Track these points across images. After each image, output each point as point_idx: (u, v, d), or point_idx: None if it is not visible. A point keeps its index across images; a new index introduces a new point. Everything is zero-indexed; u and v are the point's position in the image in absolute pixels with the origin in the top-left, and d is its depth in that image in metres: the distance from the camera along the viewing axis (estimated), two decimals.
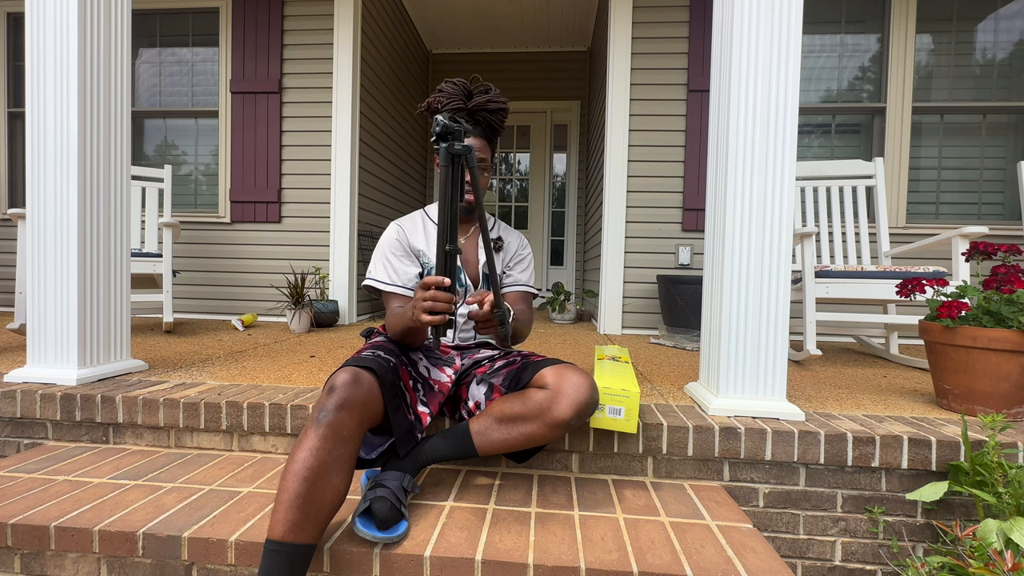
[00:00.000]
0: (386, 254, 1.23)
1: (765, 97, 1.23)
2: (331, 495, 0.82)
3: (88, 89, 1.45)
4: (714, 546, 0.91)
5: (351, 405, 0.87)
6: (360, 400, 0.89)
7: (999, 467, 1.02)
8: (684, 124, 2.87)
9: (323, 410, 0.85)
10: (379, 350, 1.03)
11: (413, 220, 1.30)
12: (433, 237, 1.27)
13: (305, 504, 0.78)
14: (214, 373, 1.61)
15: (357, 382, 0.90)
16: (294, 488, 0.79)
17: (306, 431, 0.84)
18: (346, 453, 0.85)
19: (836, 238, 2.33)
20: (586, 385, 0.98)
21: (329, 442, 0.83)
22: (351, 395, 0.88)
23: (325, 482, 0.81)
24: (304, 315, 2.69)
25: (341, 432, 0.84)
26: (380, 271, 1.22)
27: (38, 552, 0.94)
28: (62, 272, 1.43)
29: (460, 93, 1.15)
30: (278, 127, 3.07)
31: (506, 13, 4.06)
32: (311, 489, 0.79)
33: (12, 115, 3.42)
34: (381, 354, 1.01)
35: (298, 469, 0.80)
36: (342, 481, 0.84)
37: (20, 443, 1.35)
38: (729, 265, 1.25)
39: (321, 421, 0.84)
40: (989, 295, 1.33)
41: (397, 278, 1.21)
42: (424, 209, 1.33)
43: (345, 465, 0.85)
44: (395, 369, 0.99)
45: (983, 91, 2.88)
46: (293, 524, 0.77)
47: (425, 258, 1.24)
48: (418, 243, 1.25)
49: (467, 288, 1.25)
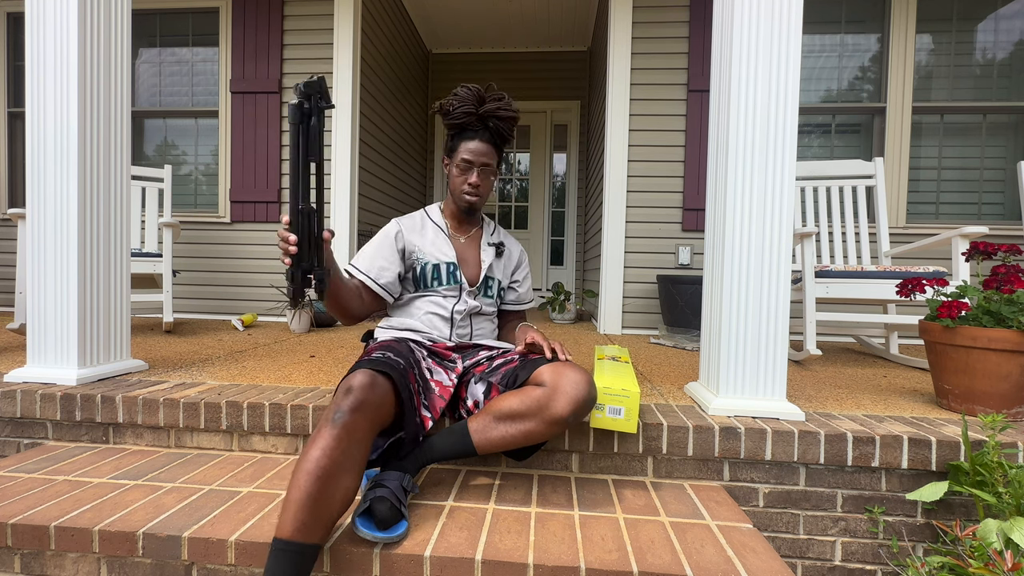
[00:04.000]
0: (374, 245, 1.26)
1: (765, 97, 1.23)
2: (341, 496, 0.81)
3: (88, 89, 1.45)
4: (714, 546, 0.91)
5: (367, 407, 0.87)
6: (376, 403, 0.89)
7: (999, 467, 1.02)
8: (684, 124, 2.87)
9: (339, 411, 0.85)
10: (389, 351, 1.04)
11: (413, 219, 1.32)
12: (431, 236, 1.29)
13: (316, 504, 0.78)
14: (214, 373, 1.61)
15: (374, 385, 0.90)
16: (305, 488, 0.78)
17: (319, 431, 0.83)
18: (358, 455, 0.85)
19: (836, 238, 2.33)
20: (584, 382, 0.98)
21: (343, 443, 0.82)
22: (367, 397, 0.88)
23: (336, 483, 0.81)
24: (304, 315, 2.69)
25: (355, 434, 0.84)
26: (360, 257, 1.25)
27: (38, 552, 0.94)
28: (62, 272, 1.43)
29: (473, 98, 1.19)
30: (278, 127, 3.07)
31: (506, 13, 4.06)
32: (323, 489, 0.79)
33: (12, 115, 3.42)
34: (391, 356, 1.01)
35: (311, 469, 0.79)
36: (352, 483, 0.84)
37: (20, 443, 1.35)
38: (729, 265, 1.25)
39: (336, 422, 0.83)
40: (989, 295, 1.33)
41: (371, 268, 1.23)
42: (425, 209, 1.36)
43: (356, 467, 0.85)
44: (405, 372, 0.99)
45: (983, 91, 2.88)
46: (303, 524, 0.76)
47: (420, 253, 1.27)
48: (414, 239, 1.27)
49: (462, 286, 1.26)
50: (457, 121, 1.21)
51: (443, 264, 1.26)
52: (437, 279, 1.25)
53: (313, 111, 0.84)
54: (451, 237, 1.31)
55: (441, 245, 1.28)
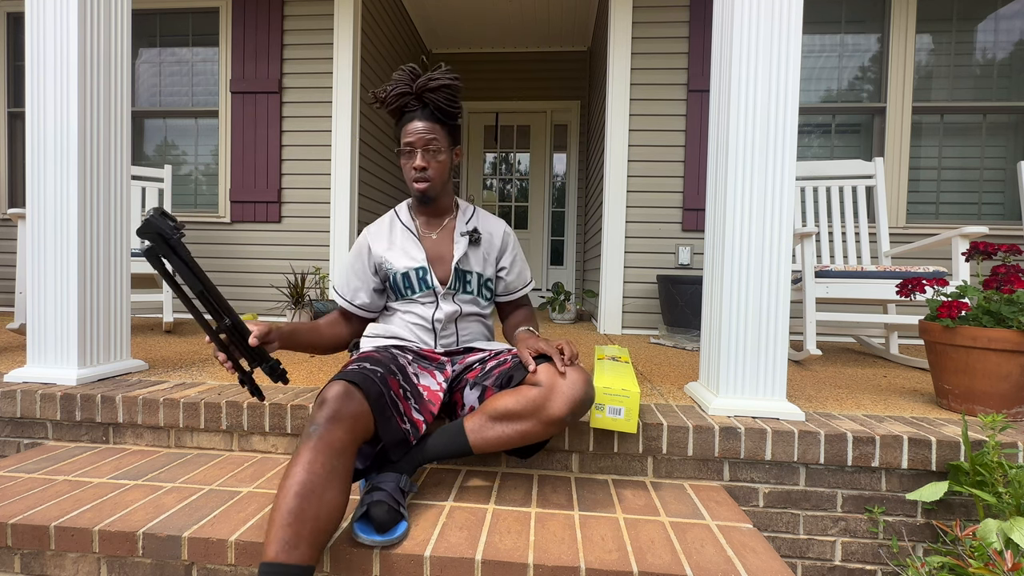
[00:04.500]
0: (348, 263, 1.25)
1: (765, 97, 1.23)
2: (327, 511, 0.78)
3: (88, 89, 1.45)
4: (714, 546, 0.91)
5: (342, 418, 0.86)
6: (351, 412, 0.88)
7: (999, 467, 1.02)
8: (684, 124, 2.87)
9: (314, 424, 0.84)
10: (365, 362, 1.01)
11: (381, 224, 1.26)
12: (399, 241, 1.22)
13: (298, 521, 0.74)
14: (214, 373, 1.61)
15: (348, 395, 0.89)
16: (287, 505, 0.75)
17: (299, 449, 0.82)
18: (340, 467, 0.83)
19: (836, 238, 2.33)
20: (581, 381, 0.96)
21: (322, 455, 0.81)
22: (341, 407, 0.87)
23: (320, 498, 0.78)
24: (304, 315, 2.69)
25: (334, 445, 0.83)
26: (338, 277, 1.25)
27: (38, 552, 0.94)
28: (62, 272, 1.43)
29: (406, 77, 1.11)
30: (278, 127, 3.07)
31: (506, 13, 4.06)
32: (304, 506, 0.76)
33: (12, 115, 3.42)
34: (367, 365, 0.99)
35: (290, 484, 0.77)
36: (338, 497, 0.81)
37: (20, 443, 1.35)
38: (729, 265, 1.25)
39: (313, 435, 0.82)
40: (989, 295, 1.33)
41: (345, 290, 1.24)
42: (395, 209, 1.29)
43: (340, 480, 0.82)
44: (384, 379, 0.97)
45: (983, 91, 2.88)
46: (286, 544, 0.73)
47: (388, 264, 1.20)
48: (380, 249, 1.21)
49: (435, 290, 1.19)
50: (393, 105, 1.12)
51: (412, 270, 1.18)
52: (410, 287, 1.19)
53: (171, 240, 0.83)
54: (421, 237, 1.22)
55: (409, 248, 1.20)
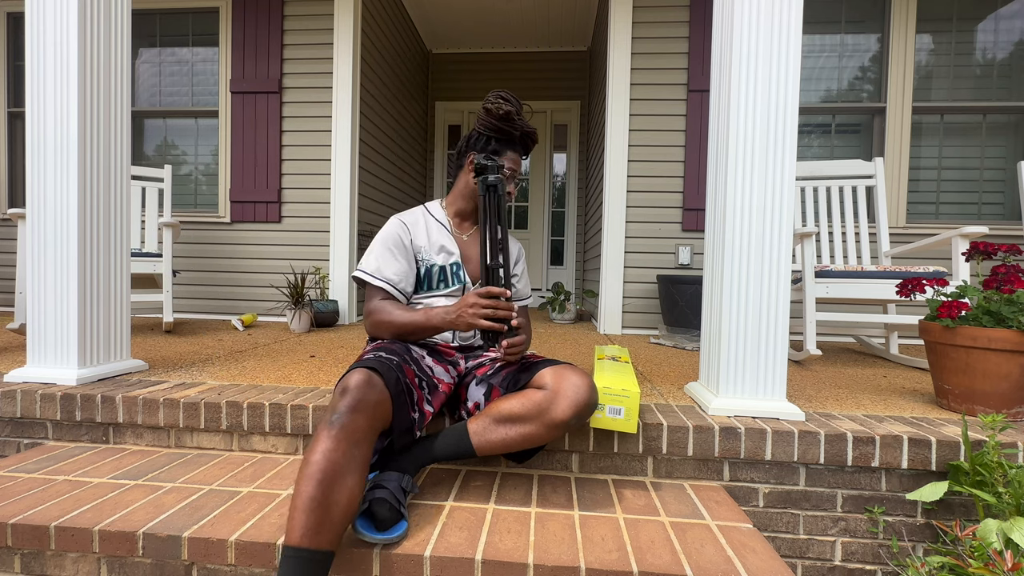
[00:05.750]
0: (382, 248, 1.21)
1: (765, 97, 1.23)
2: (346, 499, 0.80)
3: (88, 89, 1.45)
4: (714, 546, 0.91)
5: (364, 407, 0.87)
6: (373, 401, 0.89)
7: (999, 467, 1.02)
8: (684, 124, 2.87)
9: (336, 412, 0.85)
10: (381, 351, 1.03)
11: (414, 215, 1.29)
12: (435, 235, 1.27)
13: (321, 508, 0.77)
14: (214, 373, 1.61)
15: (370, 384, 0.90)
16: (308, 492, 0.77)
17: (318, 434, 0.83)
18: (359, 455, 0.84)
19: (836, 238, 2.33)
20: (585, 386, 0.98)
21: (343, 444, 0.82)
22: (364, 397, 0.88)
23: (340, 485, 0.80)
24: (304, 315, 2.69)
25: (355, 434, 0.84)
26: (372, 263, 1.20)
27: (38, 552, 0.94)
28: (62, 272, 1.43)
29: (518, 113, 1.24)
30: (278, 127, 3.07)
31: (506, 13, 4.06)
32: (327, 492, 0.78)
33: (12, 115, 3.42)
34: (383, 355, 1.01)
35: (312, 472, 0.79)
36: (357, 484, 0.83)
37: (20, 443, 1.35)
38: (729, 265, 1.25)
39: (334, 423, 0.83)
40: (989, 295, 1.33)
41: (389, 273, 1.20)
42: (424, 205, 1.33)
43: (359, 468, 0.84)
44: (400, 367, 0.99)
45: (983, 91, 2.88)
46: (309, 529, 0.75)
47: (425, 254, 1.24)
48: (419, 240, 1.25)
49: (466, 285, 1.25)
50: (515, 132, 1.23)
51: (448, 265, 1.24)
52: (443, 280, 1.24)
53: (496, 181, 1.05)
54: (454, 235, 1.29)
55: (445, 243, 1.26)
